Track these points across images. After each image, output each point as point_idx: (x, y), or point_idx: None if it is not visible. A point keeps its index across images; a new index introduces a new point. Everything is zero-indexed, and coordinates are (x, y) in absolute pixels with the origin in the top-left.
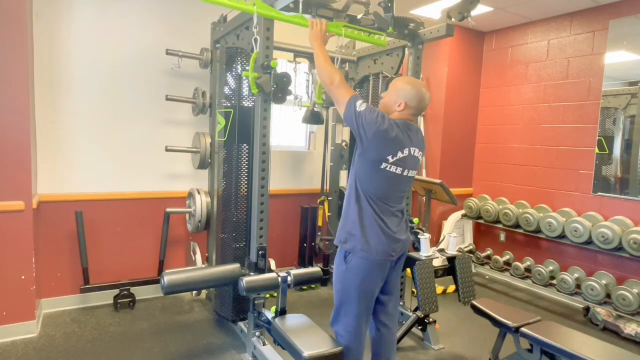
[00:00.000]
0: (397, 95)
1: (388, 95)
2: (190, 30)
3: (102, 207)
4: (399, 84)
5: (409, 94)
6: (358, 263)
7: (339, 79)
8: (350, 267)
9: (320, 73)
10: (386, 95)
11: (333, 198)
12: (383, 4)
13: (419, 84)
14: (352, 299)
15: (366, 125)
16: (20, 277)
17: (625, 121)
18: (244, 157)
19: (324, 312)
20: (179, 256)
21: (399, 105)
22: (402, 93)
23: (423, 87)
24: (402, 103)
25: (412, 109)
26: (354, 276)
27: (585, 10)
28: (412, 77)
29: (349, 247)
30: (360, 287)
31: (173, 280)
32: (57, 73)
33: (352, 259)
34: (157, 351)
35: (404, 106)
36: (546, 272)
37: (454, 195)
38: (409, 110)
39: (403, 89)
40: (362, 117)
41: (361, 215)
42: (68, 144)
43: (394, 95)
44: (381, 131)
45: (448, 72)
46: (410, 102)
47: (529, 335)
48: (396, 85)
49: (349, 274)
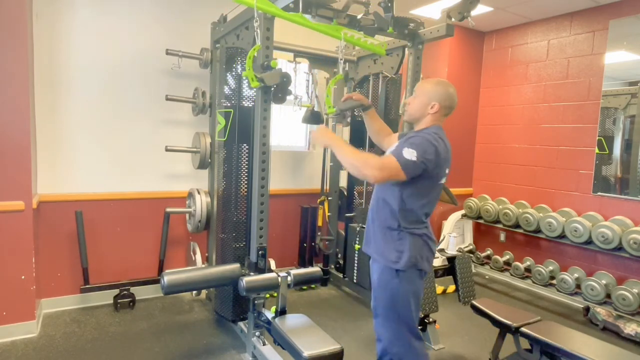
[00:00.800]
0: (428, 97)
1: (417, 99)
2: (190, 30)
3: (102, 207)
4: (428, 87)
5: (440, 95)
6: (410, 276)
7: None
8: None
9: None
10: (414, 99)
11: (333, 198)
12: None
13: (446, 84)
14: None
15: (429, 162)
16: (20, 277)
17: (625, 121)
18: (244, 157)
19: (324, 312)
20: (179, 256)
21: (431, 107)
22: (434, 95)
23: (451, 87)
24: (436, 105)
25: (445, 108)
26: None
27: (585, 10)
28: (437, 78)
29: (402, 266)
30: (414, 297)
31: (173, 280)
32: (57, 73)
33: (405, 274)
34: (157, 351)
35: (438, 107)
36: (546, 272)
37: (454, 195)
38: (443, 110)
39: (434, 90)
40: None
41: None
42: (68, 144)
43: (424, 98)
44: (441, 158)
45: (448, 72)
46: (443, 102)
47: (529, 335)
48: (425, 88)
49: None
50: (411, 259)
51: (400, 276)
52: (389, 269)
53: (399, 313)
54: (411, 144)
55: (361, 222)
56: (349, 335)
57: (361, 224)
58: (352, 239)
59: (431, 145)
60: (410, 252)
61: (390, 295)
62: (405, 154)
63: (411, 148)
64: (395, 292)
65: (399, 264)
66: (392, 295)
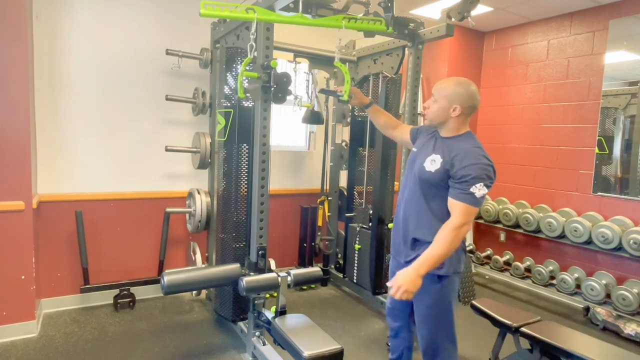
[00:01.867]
0: (448, 101)
1: (437, 103)
2: (190, 30)
3: (102, 207)
4: (447, 89)
5: (461, 96)
6: (452, 280)
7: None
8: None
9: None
10: (434, 104)
11: (333, 198)
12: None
13: (466, 83)
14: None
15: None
16: (20, 277)
17: (625, 121)
18: (244, 157)
19: (324, 312)
20: (179, 256)
21: (453, 110)
22: (454, 97)
23: (471, 85)
24: (457, 107)
25: (468, 109)
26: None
27: (585, 10)
28: (454, 77)
29: (447, 271)
30: (454, 298)
31: (173, 280)
32: (57, 73)
33: (448, 279)
34: (157, 351)
35: (460, 110)
36: (546, 272)
37: None
38: (466, 111)
39: (454, 92)
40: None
41: None
42: (68, 144)
43: (444, 102)
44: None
45: (448, 72)
46: (464, 103)
47: (529, 335)
48: (444, 91)
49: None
50: (455, 263)
51: (442, 282)
52: (431, 276)
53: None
54: (475, 178)
55: (361, 222)
56: (349, 335)
57: (361, 224)
58: (352, 239)
59: (489, 165)
60: (457, 259)
61: (433, 300)
62: (476, 192)
63: (478, 182)
64: (438, 297)
65: (442, 270)
66: (435, 301)
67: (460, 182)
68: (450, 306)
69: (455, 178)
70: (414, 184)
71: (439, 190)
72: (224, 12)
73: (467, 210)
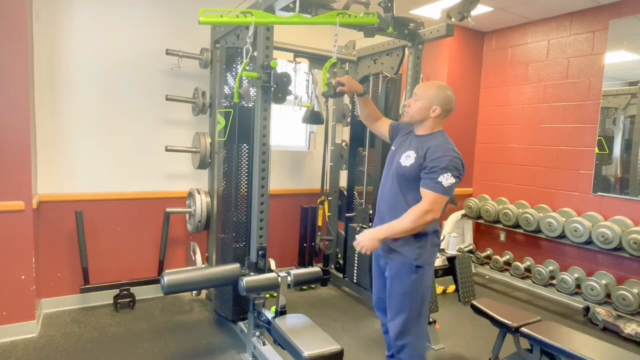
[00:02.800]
0: (430, 101)
1: (419, 102)
2: (190, 30)
3: (102, 207)
4: (429, 91)
5: (442, 99)
6: (427, 271)
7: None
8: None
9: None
10: (415, 102)
11: (333, 198)
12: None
13: (446, 87)
14: (423, 303)
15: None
16: (20, 277)
17: (625, 121)
18: (244, 157)
19: (324, 312)
20: (179, 256)
21: (433, 111)
22: (435, 99)
23: (450, 90)
24: (437, 108)
25: (446, 112)
26: (424, 283)
27: (585, 10)
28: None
29: (422, 262)
30: (428, 289)
31: (173, 280)
32: (57, 73)
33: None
34: (157, 351)
35: (439, 111)
36: (546, 272)
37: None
38: (443, 113)
39: (436, 95)
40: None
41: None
42: (68, 144)
43: (426, 102)
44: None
45: (448, 72)
46: (444, 106)
47: (529, 335)
48: (427, 92)
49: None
50: (429, 256)
51: (418, 272)
52: (409, 265)
53: (413, 305)
54: (444, 169)
55: (361, 222)
56: (349, 335)
57: (361, 224)
58: (352, 239)
59: (457, 158)
60: (429, 250)
61: (408, 289)
62: (443, 181)
63: (445, 172)
64: (413, 286)
65: (419, 260)
66: (409, 290)
67: (429, 172)
68: (423, 294)
69: (426, 169)
70: (391, 179)
71: (413, 183)
72: (222, 18)
73: (434, 198)
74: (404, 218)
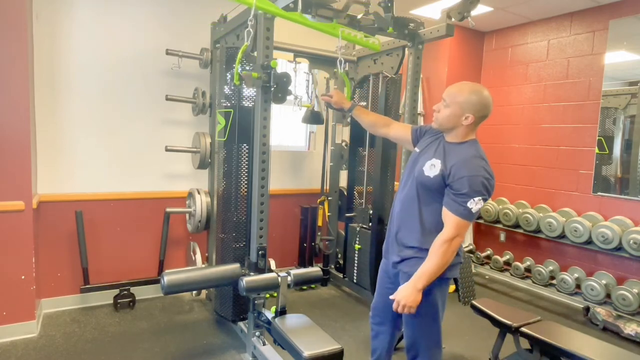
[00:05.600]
0: (461, 109)
1: (449, 108)
2: (190, 30)
3: (102, 207)
4: (461, 97)
5: (475, 105)
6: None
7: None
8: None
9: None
10: (445, 109)
11: (333, 198)
12: (383, 4)
13: (480, 91)
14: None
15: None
16: (20, 277)
17: (625, 121)
18: (244, 157)
19: (324, 312)
20: (179, 256)
21: (466, 119)
22: (468, 106)
23: (485, 91)
24: (470, 116)
25: (480, 118)
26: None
27: (585, 10)
28: (469, 83)
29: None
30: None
31: (173, 280)
32: (57, 73)
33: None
34: (157, 351)
35: (472, 119)
36: (546, 272)
37: None
38: (477, 121)
39: (468, 101)
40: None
41: None
42: (68, 144)
43: (457, 109)
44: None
45: (448, 72)
46: (478, 113)
47: (529, 335)
48: (458, 98)
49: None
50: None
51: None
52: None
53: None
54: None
55: (361, 222)
56: (349, 335)
57: (361, 224)
58: (352, 239)
59: (488, 178)
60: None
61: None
62: (473, 207)
63: (476, 197)
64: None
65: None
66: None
67: (457, 194)
68: (436, 310)
69: (452, 188)
70: (411, 184)
71: (434, 196)
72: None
73: (460, 223)
74: (433, 255)
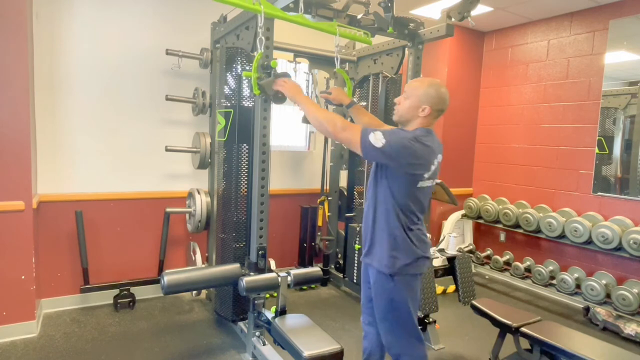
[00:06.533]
0: (419, 100)
1: (408, 100)
2: (190, 30)
3: (102, 207)
4: (420, 89)
5: (433, 98)
6: (405, 279)
7: (341, 121)
8: (398, 285)
9: (318, 124)
10: (404, 100)
11: (333, 198)
12: (383, 4)
13: (438, 85)
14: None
15: (397, 153)
16: (20, 277)
17: (625, 121)
18: (244, 157)
19: (324, 312)
20: (179, 256)
21: (422, 110)
22: (425, 98)
23: (443, 88)
24: (427, 108)
25: (437, 112)
26: (404, 292)
27: (585, 10)
28: (429, 78)
29: (396, 270)
30: (411, 299)
31: (173, 280)
32: (57, 73)
33: (399, 278)
34: (157, 351)
35: (429, 111)
36: (546, 272)
37: (454, 195)
38: (434, 114)
39: (426, 93)
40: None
41: (403, 233)
42: (68, 144)
43: (415, 100)
44: (415, 153)
45: (448, 72)
46: (435, 105)
47: (529, 335)
48: (417, 91)
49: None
50: (404, 263)
51: (395, 280)
52: (383, 275)
53: (397, 317)
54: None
55: (361, 222)
56: (349, 335)
57: (361, 224)
58: (352, 239)
59: (405, 147)
60: (404, 256)
61: (388, 299)
62: (372, 136)
63: (384, 137)
64: (392, 296)
65: (392, 268)
66: (390, 299)
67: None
68: (406, 306)
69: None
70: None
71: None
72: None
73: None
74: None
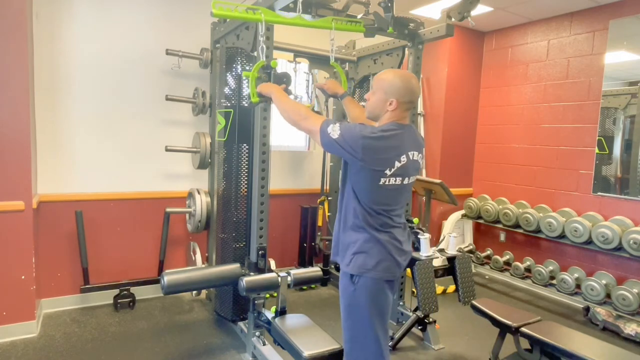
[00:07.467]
0: (385, 93)
1: (375, 95)
2: (190, 30)
3: (102, 207)
4: (385, 81)
5: (398, 89)
6: (367, 283)
7: (305, 110)
8: (359, 289)
9: (285, 115)
10: (372, 95)
11: (333, 198)
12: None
13: (405, 75)
14: (367, 323)
15: (351, 146)
16: (20, 277)
17: (625, 121)
18: (244, 157)
19: (324, 312)
20: (179, 256)
21: (390, 104)
22: (391, 90)
23: (412, 78)
24: (393, 101)
25: (405, 104)
26: (365, 297)
27: (585, 10)
28: (395, 69)
29: (356, 270)
30: (374, 307)
31: (173, 280)
32: (57, 73)
33: (360, 280)
34: (157, 351)
35: (396, 104)
36: (546, 272)
37: (454, 195)
38: (402, 106)
39: (391, 85)
40: (342, 140)
41: (366, 233)
42: (68, 144)
43: (381, 94)
44: (370, 147)
45: (448, 72)
46: (401, 97)
47: (529, 335)
48: (382, 83)
49: (357, 296)
50: (367, 264)
51: (355, 282)
52: (345, 274)
53: (352, 327)
54: (343, 126)
55: None
56: None
57: None
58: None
59: (357, 140)
60: (367, 258)
61: (347, 303)
62: (330, 127)
63: (339, 129)
64: (350, 301)
65: (353, 268)
66: (348, 304)
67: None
68: (365, 317)
69: None
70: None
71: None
72: (234, 12)
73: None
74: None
